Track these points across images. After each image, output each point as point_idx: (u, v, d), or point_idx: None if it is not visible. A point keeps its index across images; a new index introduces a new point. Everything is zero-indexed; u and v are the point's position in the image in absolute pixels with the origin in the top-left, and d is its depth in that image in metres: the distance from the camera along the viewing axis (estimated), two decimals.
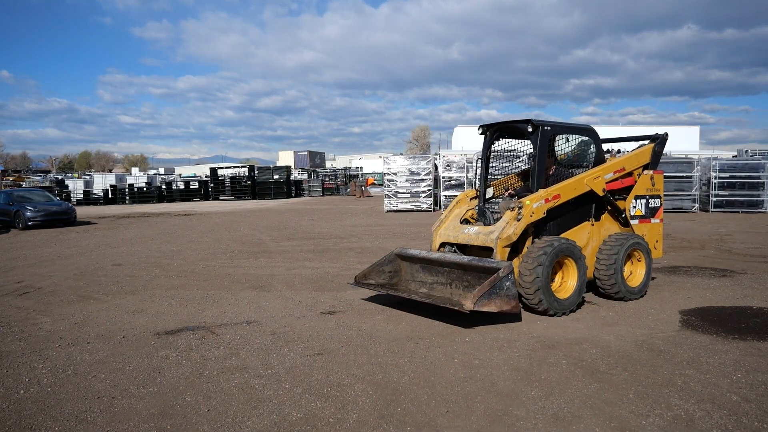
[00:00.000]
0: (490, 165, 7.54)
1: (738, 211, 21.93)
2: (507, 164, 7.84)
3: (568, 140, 7.44)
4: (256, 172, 42.83)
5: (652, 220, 7.71)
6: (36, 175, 65.97)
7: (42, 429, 3.78)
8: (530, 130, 6.65)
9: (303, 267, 10.01)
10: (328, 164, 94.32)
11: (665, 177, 26.12)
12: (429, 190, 24.18)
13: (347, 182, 47.35)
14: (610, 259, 6.80)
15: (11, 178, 58.13)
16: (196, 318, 6.57)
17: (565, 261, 6.42)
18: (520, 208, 6.32)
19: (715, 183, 22.54)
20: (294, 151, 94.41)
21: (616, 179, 7.26)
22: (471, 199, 7.52)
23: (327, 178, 49.56)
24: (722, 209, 22.27)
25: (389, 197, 24.45)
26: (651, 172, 7.65)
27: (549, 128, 6.73)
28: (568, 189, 6.68)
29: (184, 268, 10.18)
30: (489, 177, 7.51)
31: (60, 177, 55.37)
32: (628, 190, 7.44)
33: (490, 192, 7.37)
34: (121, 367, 4.93)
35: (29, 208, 19.28)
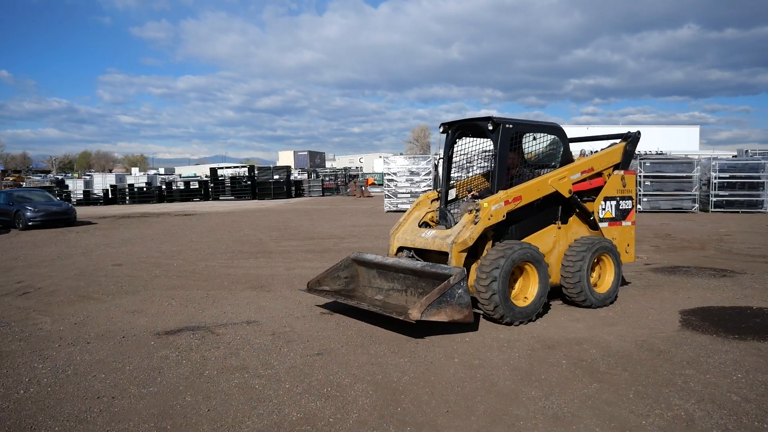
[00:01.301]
0: (453, 165, 7.17)
1: (738, 211, 21.93)
2: (471, 164, 7.46)
3: (535, 139, 7.07)
4: (256, 172, 42.86)
5: (623, 223, 7.35)
6: (36, 175, 66.01)
7: (42, 429, 3.78)
8: (491, 128, 6.30)
9: (303, 267, 10.01)
10: (328, 164, 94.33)
11: (666, 177, 25.92)
12: (429, 190, 24.18)
13: (347, 182, 47.37)
14: (575, 265, 6.48)
15: (11, 178, 58.12)
16: (196, 318, 6.57)
17: (526, 267, 6.12)
18: (477, 210, 6.00)
19: (715, 183, 22.54)
20: (294, 151, 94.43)
21: (583, 180, 6.96)
22: (432, 201, 7.20)
23: (327, 178, 49.56)
24: (722, 209, 22.27)
25: (389, 197, 24.47)
26: (622, 172, 7.33)
27: (511, 126, 6.38)
28: (530, 190, 6.36)
29: (184, 268, 10.17)
30: (452, 178, 7.17)
31: (60, 177, 55.40)
32: (597, 191, 7.11)
33: (453, 193, 7.00)
34: (121, 367, 4.93)
35: (29, 208, 19.29)
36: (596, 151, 7.65)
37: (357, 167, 65.58)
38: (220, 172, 44.33)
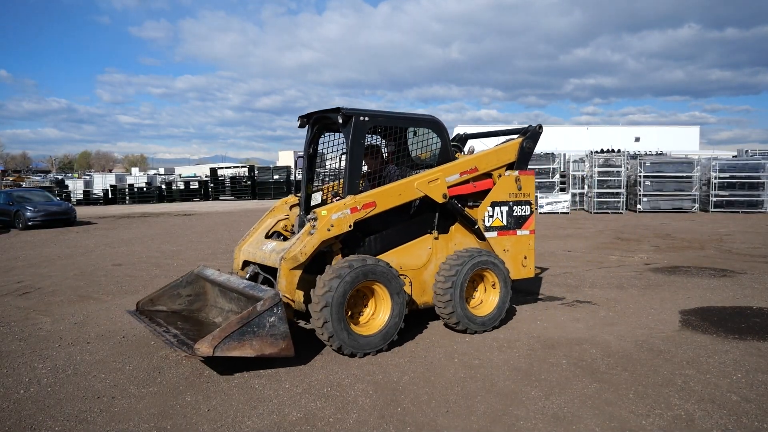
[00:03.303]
0: (317, 164, 6.29)
1: (738, 211, 21.93)
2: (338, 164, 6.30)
3: (416, 134, 6.11)
4: (256, 172, 42.85)
5: (519, 232, 6.30)
6: (36, 175, 65.97)
7: (42, 429, 3.78)
8: (341, 120, 5.35)
9: None
10: (327, 164, 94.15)
11: (666, 177, 25.92)
12: None
13: None
14: (447, 281, 5.52)
15: (11, 178, 58.15)
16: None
17: (375, 288, 5.18)
18: (314, 220, 5.09)
19: (715, 183, 22.55)
20: (294, 151, 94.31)
21: (464, 182, 5.93)
22: (292, 206, 6.32)
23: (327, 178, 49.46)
24: (722, 209, 22.28)
25: None
26: (516, 173, 6.28)
27: (366, 119, 5.39)
28: (388, 195, 5.38)
29: (184, 268, 10.17)
30: (316, 180, 6.34)
31: (60, 177, 55.35)
32: (486, 195, 6.16)
33: (317, 198, 6.09)
34: (121, 367, 4.93)
35: (29, 208, 19.30)
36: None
37: None
38: (220, 172, 44.32)
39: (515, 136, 6.62)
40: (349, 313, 5.16)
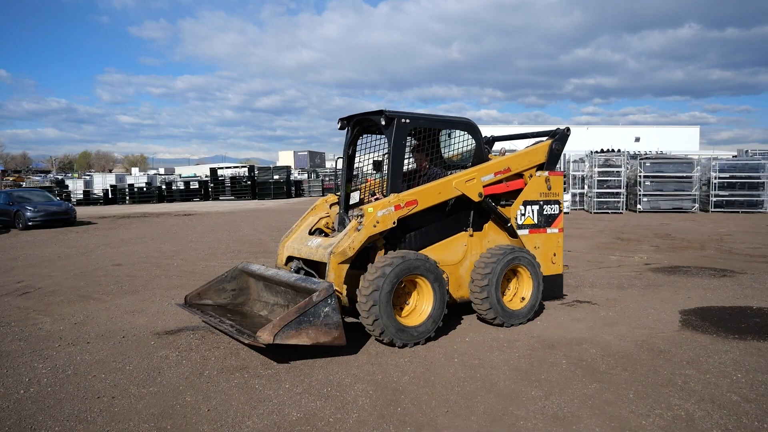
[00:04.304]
0: (356, 164, 6.48)
1: (738, 211, 21.94)
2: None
3: (450, 137, 6.40)
4: (256, 172, 42.89)
5: (548, 230, 6.56)
6: (36, 175, 65.86)
7: (42, 429, 3.78)
8: (383, 122, 5.60)
9: None
10: (328, 164, 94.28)
11: (666, 177, 25.95)
12: None
13: None
14: (484, 278, 5.78)
15: (11, 178, 58.06)
16: (196, 318, 6.56)
17: (418, 281, 5.48)
18: (361, 216, 5.39)
19: (715, 183, 22.56)
20: (294, 151, 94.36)
21: (498, 182, 6.20)
22: (331, 205, 6.52)
23: (327, 178, 49.55)
24: (722, 209, 22.29)
25: None
26: (546, 173, 6.54)
27: (408, 121, 5.67)
28: (429, 194, 5.66)
29: (184, 268, 10.17)
30: (355, 179, 6.53)
31: (60, 177, 55.31)
32: (517, 194, 6.40)
33: (356, 197, 6.21)
34: (121, 367, 4.93)
35: (29, 208, 19.30)
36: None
37: (357, 167, 65.45)
38: (219, 172, 44.34)
39: (544, 139, 6.83)
40: (396, 306, 5.45)
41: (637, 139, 50.39)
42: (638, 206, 22.50)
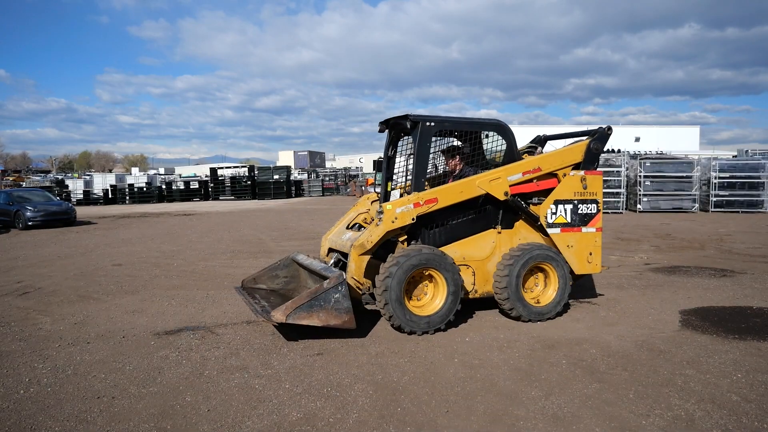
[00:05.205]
0: (396, 164, 6.73)
1: (738, 211, 21.93)
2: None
3: (488, 137, 6.55)
4: (256, 172, 42.90)
5: (584, 229, 6.63)
6: (36, 175, 65.86)
7: (42, 429, 3.78)
8: (408, 126, 6.02)
9: None
10: (328, 164, 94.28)
11: (666, 177, 25.90)
12: None
13: (347, 182, 47.37)
14: (504, 273, 6.00)
15: (11, 178, 58.06)
16: (196, 318, 6.57)
17: (432, 273, 5.76)
18: (381, 213, 5.74)
19: (715, 183, 22.55)
20: (294, 151, 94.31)
21: (527, 181, 6.30)
22: (373, 202, 6.95)
23: (327, 178, 49.56)
24: (722, 209, 22.28)
25: None
26: (582, 172, 6.58)
27: (432, 124, 5.98)
28: (450, 192, 5.93)
29: (184, 268, 10.18)
30: (397, 178, 6.72)
31: (60, 177, 55.31)
32: (549, 193, 6.48)
33: (396, 195, 6.48)
34: (121, 367, 4.93)
35: (29, 208, 19.30)
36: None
37: (357, 167, 65.50)
38: (220, 172, 44.35)
39: (584, 138, 6.89)
40: (413, 296, 5.86)
41: (637, 139, 50.39)
42: (638, 206, 22.50)
